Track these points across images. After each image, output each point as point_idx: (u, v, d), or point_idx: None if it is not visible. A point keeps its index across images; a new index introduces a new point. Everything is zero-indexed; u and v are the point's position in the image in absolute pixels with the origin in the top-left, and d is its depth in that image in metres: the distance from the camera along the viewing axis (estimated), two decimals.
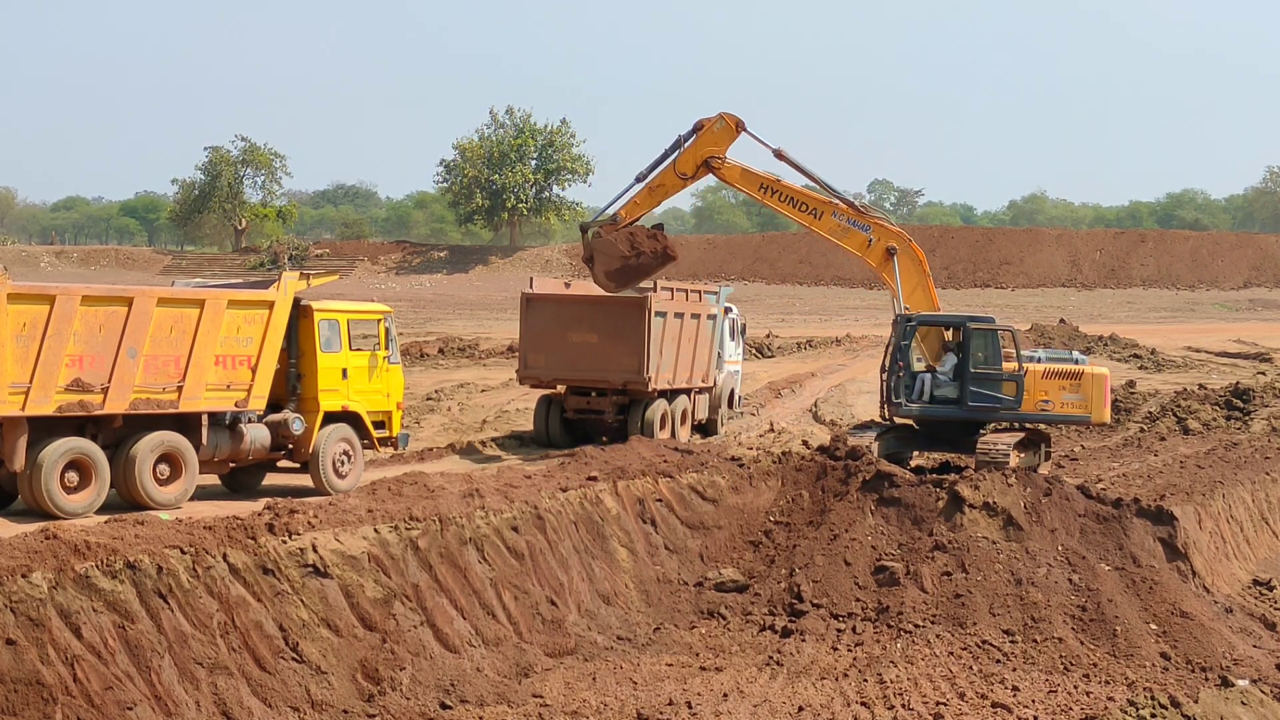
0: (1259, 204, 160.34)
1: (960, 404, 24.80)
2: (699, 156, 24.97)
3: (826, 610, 19.08)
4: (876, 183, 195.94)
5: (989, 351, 24.86)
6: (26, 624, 12.91)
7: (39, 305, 17.58)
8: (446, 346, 48.37)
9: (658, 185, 25.75)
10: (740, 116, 25.21)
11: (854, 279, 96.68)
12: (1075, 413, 25.09)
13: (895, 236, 25.37)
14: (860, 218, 25.24)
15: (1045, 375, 24.92)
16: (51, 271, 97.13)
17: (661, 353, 27.44)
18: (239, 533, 15.34)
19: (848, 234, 25.08)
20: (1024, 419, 25.35)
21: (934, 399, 24.97)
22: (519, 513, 18.54)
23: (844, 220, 25.00)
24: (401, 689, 15.14)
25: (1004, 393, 24.68)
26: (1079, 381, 24.82)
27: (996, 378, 24.69)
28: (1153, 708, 13.74)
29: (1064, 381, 24.86)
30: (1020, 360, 24.94)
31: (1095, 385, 24.77)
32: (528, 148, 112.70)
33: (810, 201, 25.45)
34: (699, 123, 25.21)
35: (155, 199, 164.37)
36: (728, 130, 25.17)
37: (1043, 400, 24.85)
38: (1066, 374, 24.98)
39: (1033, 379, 24.76)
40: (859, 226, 25.07)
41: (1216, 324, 73.25)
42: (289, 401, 20.81)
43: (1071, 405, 24.93)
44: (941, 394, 24.97)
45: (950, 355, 25.07)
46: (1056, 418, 25.51)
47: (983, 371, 24.74)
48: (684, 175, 25.30)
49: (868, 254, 25.28)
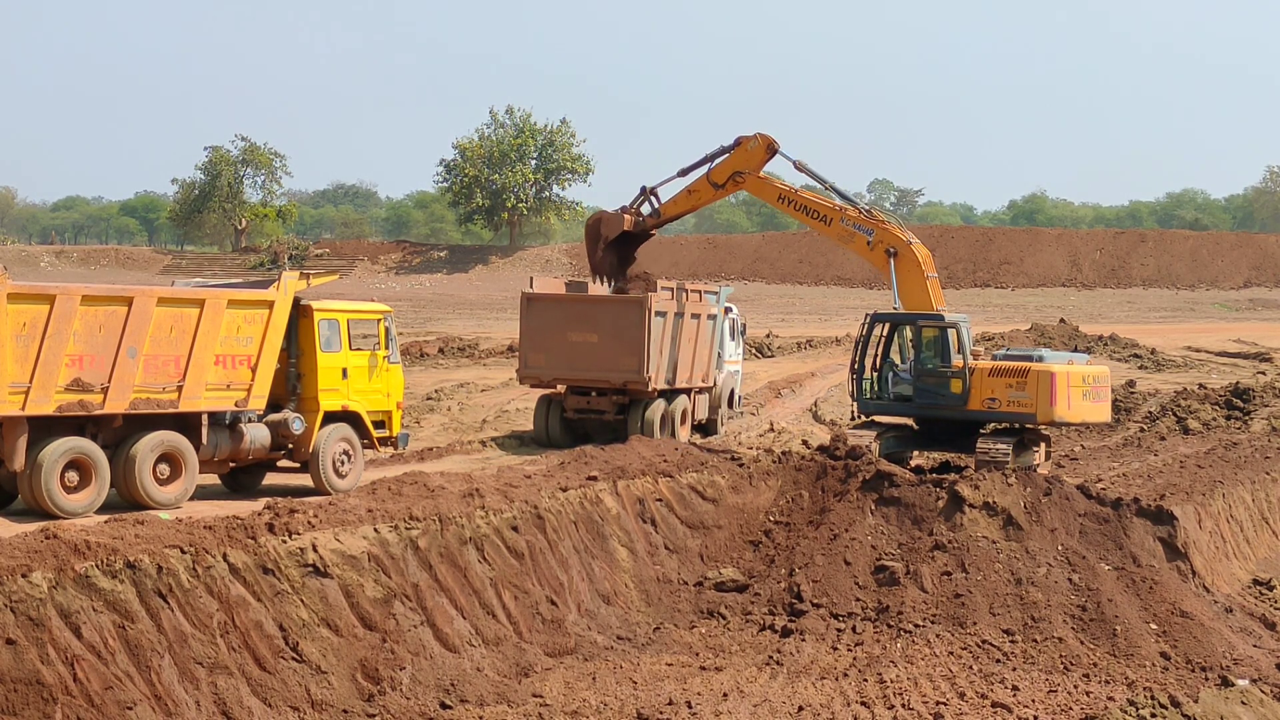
0: (1259, 204, 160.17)
1: (912, 401, 25.23)
2: (730, 170, 26.82)
3: (826, 610, 19.08)
4: (876, 183, 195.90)
5: (937, 348, 25.15)
6: (26, 624, 12.91)
7: (39, 305, 17.57)
8: (446, 346, 48.36)
9: (694, 190, 27.71)
10: (774, 138, 26.68)
11: (854, 279, 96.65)
12: (1022, 410, 24.77)
13: (895, 239, 25.67)
14: (865, 222, 26.02)
15: (992, 373, 24.88)
16: (51, 271, 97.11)
17: (661, 352, 27.45)
18: (239, 532, 15.33)
19: (853, 238, 26.13)
20: (970, 417, 25.28)
21: (895, 396, 25.36)
22: (519, 512, 18.54)
23: (849, 225, 26.05)
24: (401, 689, 15.14)
25: (951, 389, 24.95)
26: (1024, 379, 24.62)
27: (944, 374, 24.99)
28: (1153, 707, 13.74)
29: (1011, 379, 24.72)
30: (967, 357, 25.04)
31: (1042, 383, 24.49)
32: (528, 147, 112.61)
33: (821, 209, 26.65)
34: (738, 139, 26.89)
35: (155, 199, 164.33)
36: (760, 151, 26.80)
37: (989, 398, 24.80)
38: (1013, 371, 24.82)
39: (979, 376, 24.85)
40: (862, 230, 25.97)
41: (1216, 324, 73.19)
42: (289, 401, 20.81)
43: (1018, 403, 24.67)
44: (898, 391, 25.35)
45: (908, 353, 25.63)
46: (1004, 415, 25.16)
47: (931, 368, 25.10)
48: (716, 185, 27.28)
49: (869, 256, 26.15)
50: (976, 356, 25.50)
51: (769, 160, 27.01)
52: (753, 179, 27.09)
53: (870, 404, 25.82)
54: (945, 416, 25.50)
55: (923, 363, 25.33)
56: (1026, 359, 25.44)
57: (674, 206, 28.32)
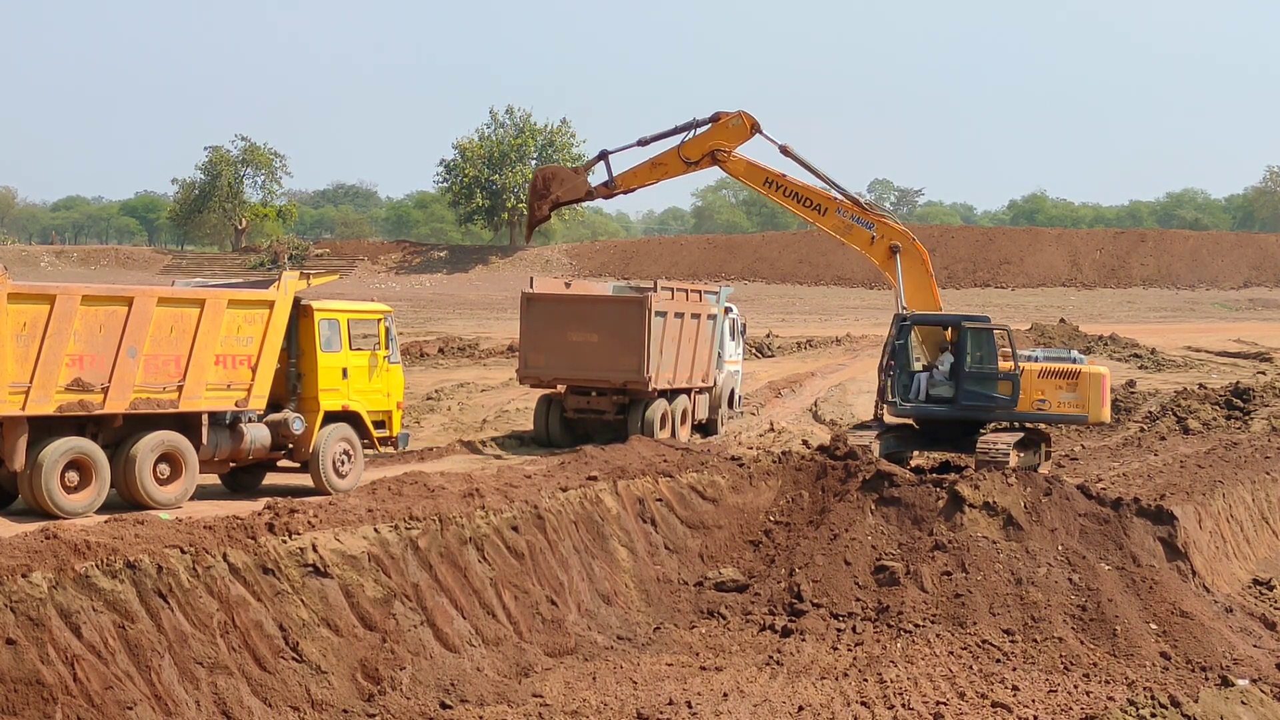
0: (1259, 204, 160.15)
1: (955, 403, 24.81)
2: (707, 146, 24.45)
3: (826, 610, 19.08)
4: (876, 182, 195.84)
5: (984, 350, 24.87)
6: (26, 624, 12.91)
7: (39, 305, 17.57)
8: (446, 346, 48.38)
9: (660, 163, 25.18)
10: (757, 118, 24.81)
11: (854, 279, 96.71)
12: (1072, 412, 25.12)
13: (899, 235, 25.28)
14: (865, 215, 24.95)
15: (1041, 375, 24.93)
16: (51, 271, 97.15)
17: (661, 352, 27.45)
18: (239, 532, 15.33)
19: (852, 231, 24.80)
20: (1020, 418, 25.32)
21: (930, 398, 25.00)
22: (519, 512, 18.54)
23: (848, 217, 24.64)
24: (401, 689, 15.14)
25: (999, 392, 24.68)
26: (1076, 381, 24.85)
27: (992, 377, 24.68)
28: (1153, 707, 13.74)
29: (1061, 381, 24.89)
30: (1016, 359, 24.94)
31: (1093, 384, 24.79)
32: (528, 148, 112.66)
33: (815, 197, 25.09)
34: (717, 114, 24.67)
35: (155, 199, 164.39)
36: (742, 129, 24.70)
37: (1039, 400, 24.86)
38: (1064, 373, 25.00)
39: (1029, 378, 24.77)
40: (863, 224, 24.76)
41: (1216, 324, 73.21)
42: (289, 401, 20.81)
43: (1069, 405, 24.97)
44: (937, 393, 25.01)
45: (947, 355, 25.09)
46: (1054, 417, 25.50)
47: (977, 371, 24.74)
48: (689, 160, 24.69)
49: (871, 251, 25.05)
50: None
51: (749, 140, 24.85)
52: (734, 161, 24.92)
53: (901, 407, 25.10)
54: (992, 418, 25.31)
55: (968, 364, 24.80)
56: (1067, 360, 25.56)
57: (634, 178, 25.71)
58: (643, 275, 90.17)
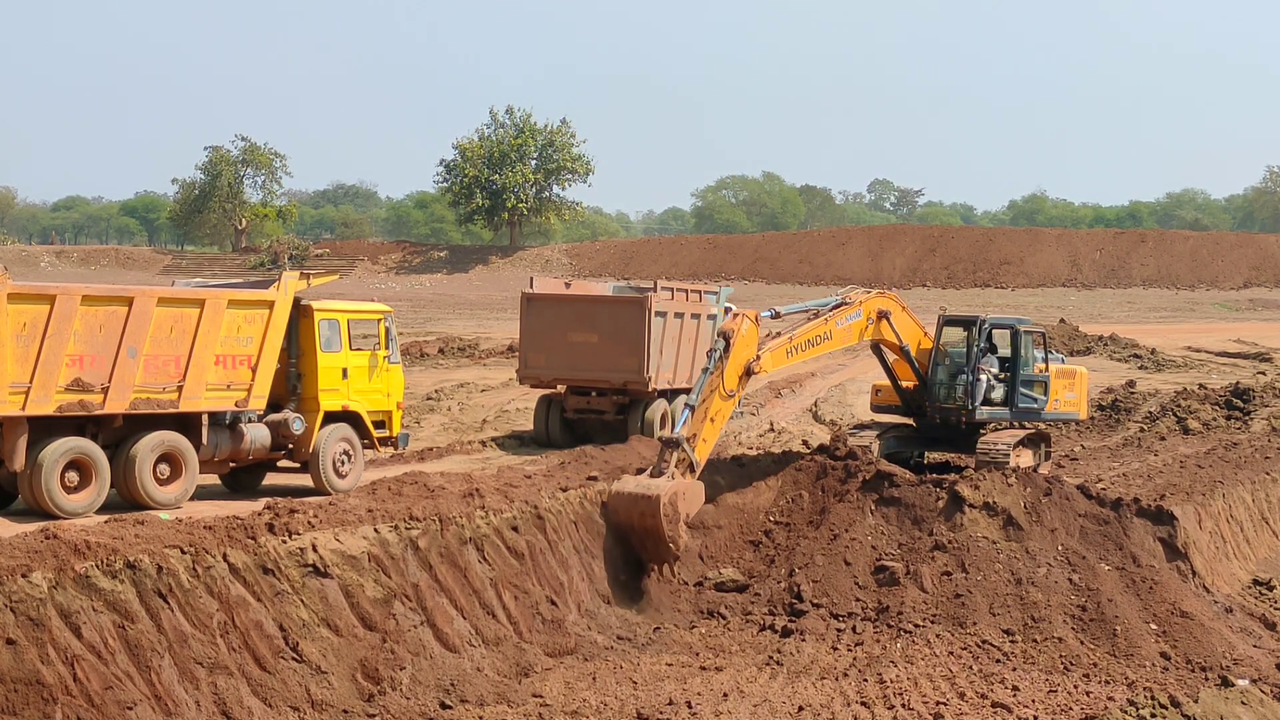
0: (1259, 204, 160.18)
1: (1010, 406, 25.37)
2: (739, 368, 22.92)
3: (826, 610, 19.08)
4: (876, 183, 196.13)
5: (1030, 354, 25.63)
6: (26, 624, 12.91)
7: (39, 305, 17.58)
8: (446, 346, 48.38)
9: (715, 416, 22.99)
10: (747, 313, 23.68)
11: (854, 279, 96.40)
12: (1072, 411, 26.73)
13: (878, 303, 24.76)
14: (847, 310, 24.25)
15: (1058, 375, 26.08)
16: (51, 271, 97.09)
17: (661, 352, 27.45)
18: (239, 532, 15.33)
19: (852, 331, 24.23)
20: (1047, 419, 26.46)
21: (986, 401, 25.39)
22: (519, 512, 18.53)
23: (844, 324, 24.06)
24: (401, 689, 15.14)
25: (1039, 394, 25.58)
26: (1073, 380, 26.34)
27: (1039, 381, 25.52)
28: (1153, 707, 13.74)
29: (1068, 381, 26.16)
30: (1048, 362, 25.99)
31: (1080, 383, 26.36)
32: (528, 148, 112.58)
33: (817, 333, 24.24)
34: (722, 330, 23.29)
35: (155, 199, 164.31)
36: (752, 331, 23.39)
37: (1055, 399, 25.87)
38: (1067, 374, 26.36)
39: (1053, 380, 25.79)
40: (852, 318, 24.27)
41: (1216, 324, 73.17)
42: (289, 401, 20.81)
43: (1070, 404, 26.34)
44: (994, 396, 25.40)
45: (991, 358, 25.48)
46: (1059, 416, 26.76)
47: (1028, 375, 25.47)
48: (731, 393, 23.09)
49: (870, 333, 24.55)
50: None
51: (758, 327, 23.56)
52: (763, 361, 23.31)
53: (979, 411, 25.08)
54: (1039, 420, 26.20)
55: (1023, 369, 25.38)
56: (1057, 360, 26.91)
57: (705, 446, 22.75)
58: (643, 275, 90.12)
